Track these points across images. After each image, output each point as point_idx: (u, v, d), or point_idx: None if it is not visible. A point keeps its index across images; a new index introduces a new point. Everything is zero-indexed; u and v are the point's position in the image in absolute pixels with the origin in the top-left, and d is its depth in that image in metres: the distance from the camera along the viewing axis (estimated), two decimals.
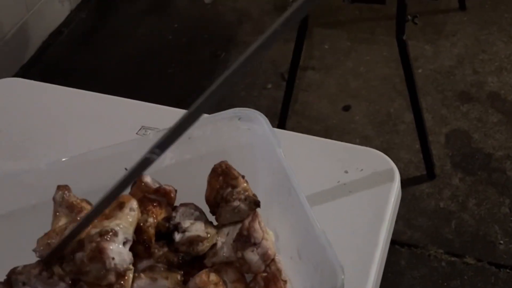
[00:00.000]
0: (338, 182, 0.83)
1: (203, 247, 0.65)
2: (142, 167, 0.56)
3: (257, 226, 0.65)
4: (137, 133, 0.91)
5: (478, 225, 1.77)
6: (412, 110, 1.86)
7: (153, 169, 0.57)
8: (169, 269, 0.65)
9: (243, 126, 0.75)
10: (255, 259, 0.64)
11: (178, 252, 0.66)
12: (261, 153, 0.73)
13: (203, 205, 0.69)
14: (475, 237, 1.75)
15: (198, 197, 0.70)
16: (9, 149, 0.92)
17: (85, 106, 0.99)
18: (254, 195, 0.67)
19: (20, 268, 0.62)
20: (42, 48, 2.46)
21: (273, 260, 0.65)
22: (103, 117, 0.96)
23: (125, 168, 0.63)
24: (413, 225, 1.78)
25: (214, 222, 0.69)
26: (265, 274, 0.64)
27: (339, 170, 0.84)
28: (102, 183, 0.61)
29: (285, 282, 0.65)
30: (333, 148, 0.89)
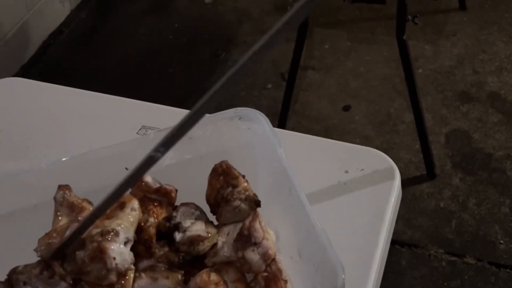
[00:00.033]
0: (339, 182, 0.83)
1: (204, 246, 0.65)
2: (147, 165, 0.56)
3: (257, 225, 0.65)
4: (137, 133, 0.91)
5: (478, 225, 1.77)
6: (412, 110, 1.86)
7: (154, 169, 0.57)
8: (169, 269, 0.65)
9: (243, 126, 0.75)
10: (256, 258, 0.64)
11: (178, 252, 0.66)
12: (261, 153, 0.73)
13: (204, 204, 0.69)
14: (475, 237, 1.75)
15: (199, 196, 0.70)
16: (9, 149, 0.92)
17: (86, 106, 0.99)
18: (254, 195, 0.67)
19: (20, 268, 0.62)
20: (42, 48, 2.46)
21: (274, 260, 0.65)
22: (104, 117, 0.96)
23: (126, 168, 0.63)
24: (413, 225, 1.78)
25: (215, 222, 0.69)
26: (265, 274, 0.64)
27: (339, 170, 0.84)
28: (102, 183, 0.62)
29: (285, 281, 0.65)
30: (334, 148, 0.88)
